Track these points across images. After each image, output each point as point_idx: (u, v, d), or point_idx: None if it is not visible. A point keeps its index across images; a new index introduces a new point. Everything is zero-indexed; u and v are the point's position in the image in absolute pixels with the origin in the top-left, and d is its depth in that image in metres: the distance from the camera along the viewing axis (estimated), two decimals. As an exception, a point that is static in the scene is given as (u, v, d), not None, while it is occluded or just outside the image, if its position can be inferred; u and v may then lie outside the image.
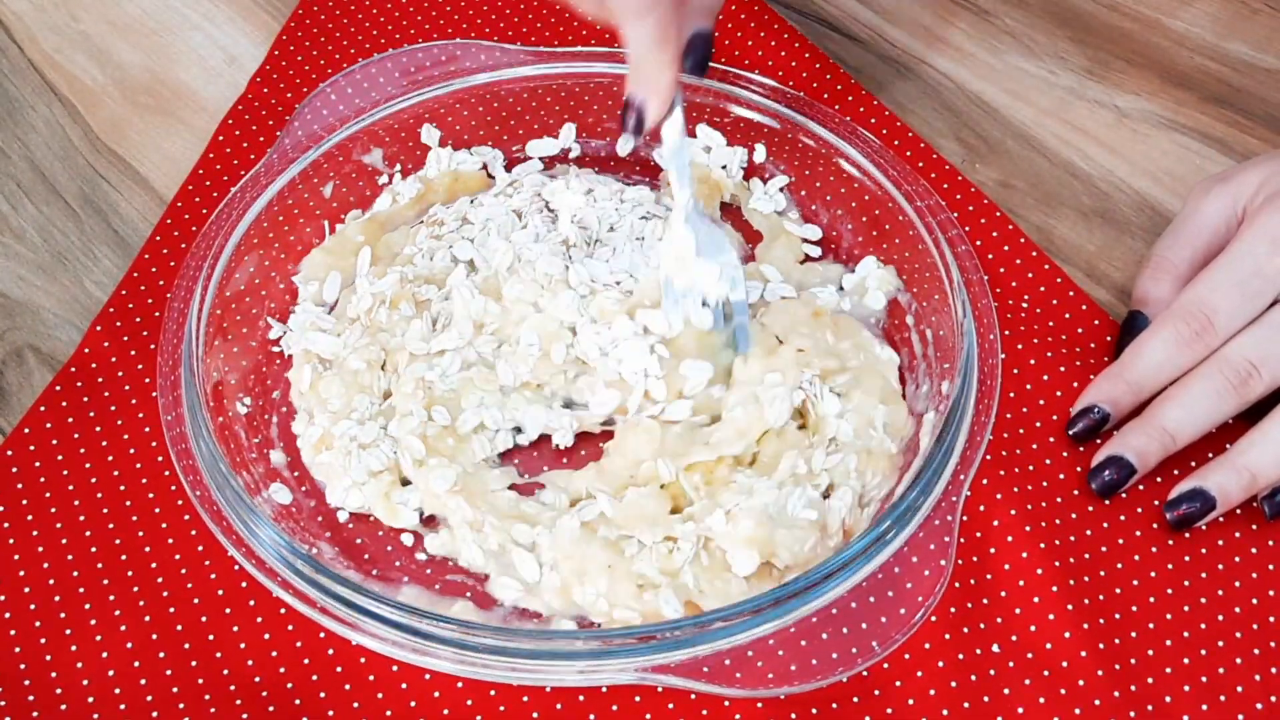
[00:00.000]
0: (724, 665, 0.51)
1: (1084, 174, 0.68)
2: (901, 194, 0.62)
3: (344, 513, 0.57)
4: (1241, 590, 0.55)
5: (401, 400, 0.58)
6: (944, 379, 0.58)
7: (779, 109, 0.65)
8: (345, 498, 0.57)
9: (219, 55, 0.75)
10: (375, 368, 0.60)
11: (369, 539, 0.57)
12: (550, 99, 0.68)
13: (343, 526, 0.57)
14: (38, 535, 0.57)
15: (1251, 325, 0.57)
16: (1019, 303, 0.63)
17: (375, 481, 0.57)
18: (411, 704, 0.52)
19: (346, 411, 0.58)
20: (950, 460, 0.55)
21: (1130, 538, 0.56)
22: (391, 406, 0.59)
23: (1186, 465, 0.57)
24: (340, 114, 0.66)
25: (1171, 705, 0.52)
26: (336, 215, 0.65)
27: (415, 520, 0.57)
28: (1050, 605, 0.54)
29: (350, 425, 0.58)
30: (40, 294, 0.66)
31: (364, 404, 0.59)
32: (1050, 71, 0.72)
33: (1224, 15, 0.74)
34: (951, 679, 0.52)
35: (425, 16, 0.75)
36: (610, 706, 0.52)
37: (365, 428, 0.58)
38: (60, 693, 0.53)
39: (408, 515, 0.56)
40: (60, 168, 0.70)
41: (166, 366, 0.58)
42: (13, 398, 0.62)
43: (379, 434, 0.58)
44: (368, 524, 0.57)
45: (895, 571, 0.53)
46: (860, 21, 0.75)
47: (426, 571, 0.56)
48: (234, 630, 0.54)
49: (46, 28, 0.76)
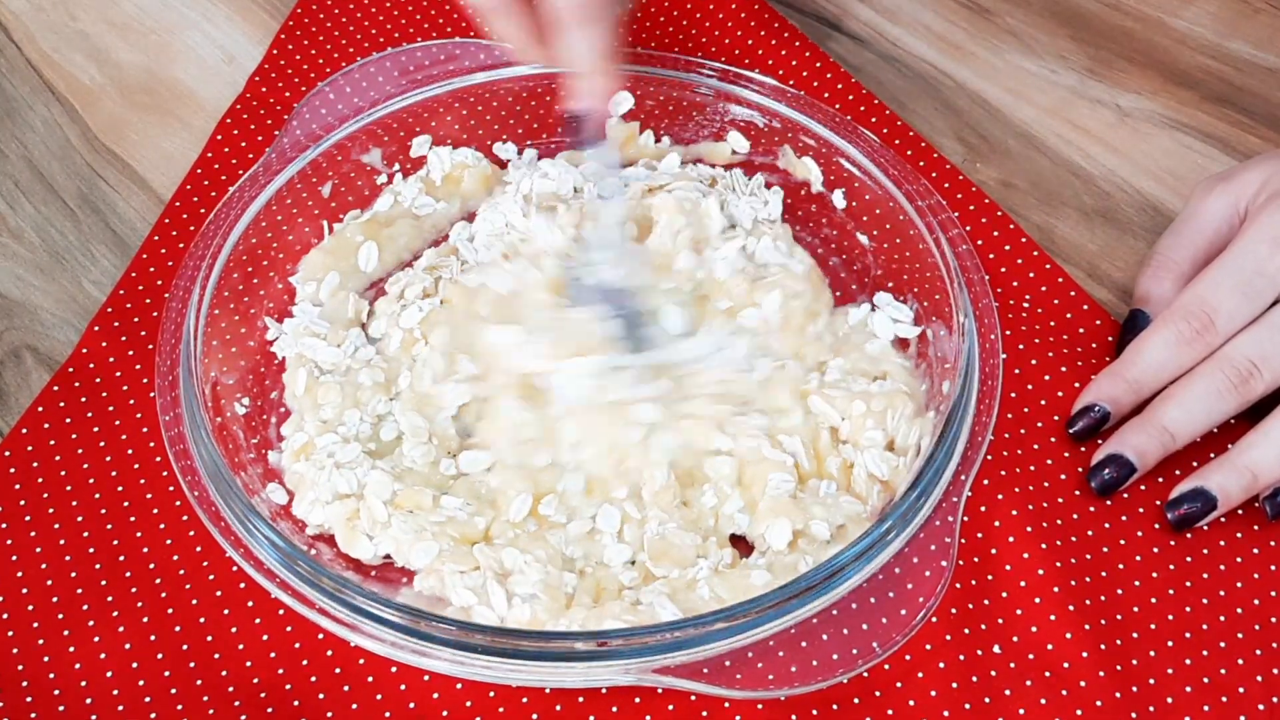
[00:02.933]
0: (724, 666, 0.51)
1: (1085, 173, 0.68)
2: (902, 193, 0.62)
3: (310, 527, 0.56)
4: (1243, 591, 0.55)
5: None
6: (944, 379, 0.58)
7: (779, 108, 0.65)
8: (309, 512, 0.56)
9: (217, 54, 0.75)
10: (380, 390, 0.59)
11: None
12: (550, 99, 0.68)
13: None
14: (36, 536, 0.57)
15: (1252, 325, 0.56)
16: (1020, 302, 0.63)
17: (340, 504, 0.55)
18: (410, 705, 0.52)
19: (335, 424, 0.58)
20: (951, 460, 0.55)
21: (1132, 538, 0.56)
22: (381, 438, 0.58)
23: (1187, 465, 0.57)
24: (339, 113, 0.66)
25: (1173, 706, 0.52)
26: (335, 215, 0.65)
27: (374, 556, 0.55)
28: (1051, 606, 0.54)
29: (334, 440, 0.57)
30: (38, 294, 0.65)
31: (354, 420, 0.58)
32: (1051, 70, 0.72)
33: (1226, 14, 0.74)
34: (952, 680, 0.52)
35: (424, 16, 0.75)
36: (610, 708, 0.52)
37: (348, 447, 0.57)
38: (59, 694, 0.53)
39: (367, 549, 0.55)
40: (58, 167, 0.70)
41: (165, 367, 0.58)
42: (11, 398, 0.62)
43: (358, 456, 0.56)
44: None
45: (896, 572, 0.53)
46: (861, 20, 0.75)
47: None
48: (232, 631, 0.54)
49: (44, 27, 0.76)
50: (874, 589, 0.53)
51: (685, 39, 0.73)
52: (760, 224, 0.64)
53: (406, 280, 0.63)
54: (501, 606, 0.53)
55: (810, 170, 0.65)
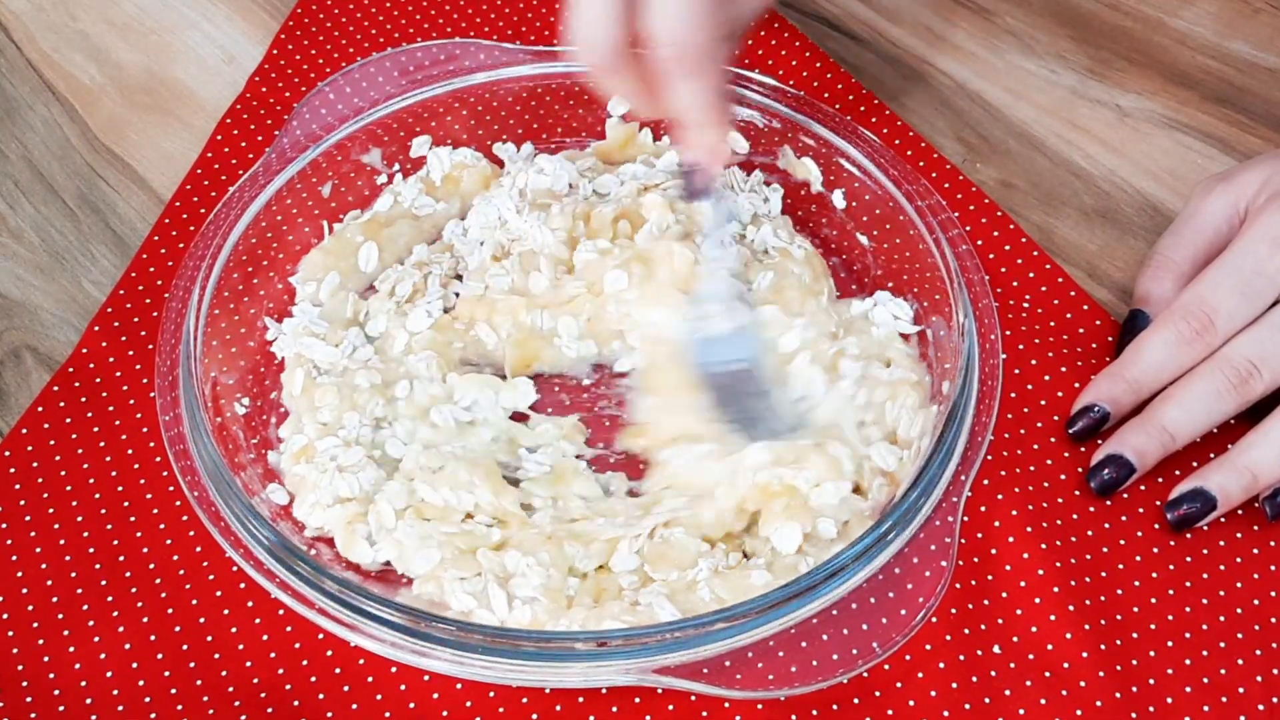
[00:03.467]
0: (724, 666, 0.51)
1: (1085, 173, 0.68)
2: (902, 194, 0.62)
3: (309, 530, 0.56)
4: (1243, 591, 0.55)
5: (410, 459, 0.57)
6: (944, 379, 0.58)
7: (779, 109, 0.65)
8: (309, 514, 0.56)
9: (217, 54, 0.75)
10: (378, 392, 0.59)
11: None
12: (550, 99, 0.68)
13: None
14: (35, 536, 0.57)
15: (1252, 325, 0.56)
16: (1020, 302, 0.63)
17: (341, 508, 0.55)
18: (410, 705, 0.52)
19: (335, 427, 0.58)
20: (951, 461, 0.55)
21: (1132, 538, 0.56)
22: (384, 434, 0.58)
23: (1187, 465, 0.57)
24: (339, 113, 0.66)
25: (1173, 706, 0.52)
26: (335, 215, 0.65)
27: (373, 562, 0.55)
28: (1051, 606, 0.54)
29: (335, 443, 0.57)
30: (38, 294, 0.65)
31: (353, 423, 0.58)
32: (1051, 71, 0.72)
33: (1226, 14, 0.74)
34: (952, 680, 0.52)
35: (424, 15, 0.75)
36: (610, 708, 0.52)
37: (350, 450, 0.56)
38: (58, 694, 0.53)
39: (366, 554, 0.55)
40: (58, 167, 0.70)
41: (165, 367, 0.58)
42: (10, 398, 0.62)
43: (361, 460, 0.56)
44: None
45: (896, 572, 0.53)
46: (861, 20, 0.75)
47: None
48: (232, 631, 0.54)
49: (44, 27, 0.76)
50: (874, 589, 0.53)
51: (685, 39, 0.73)
52: (760, 218, 0.64)
53: (397, 277, 0.63)
54: (502, 610, 0.52)
55: (810, 170, 0.65)
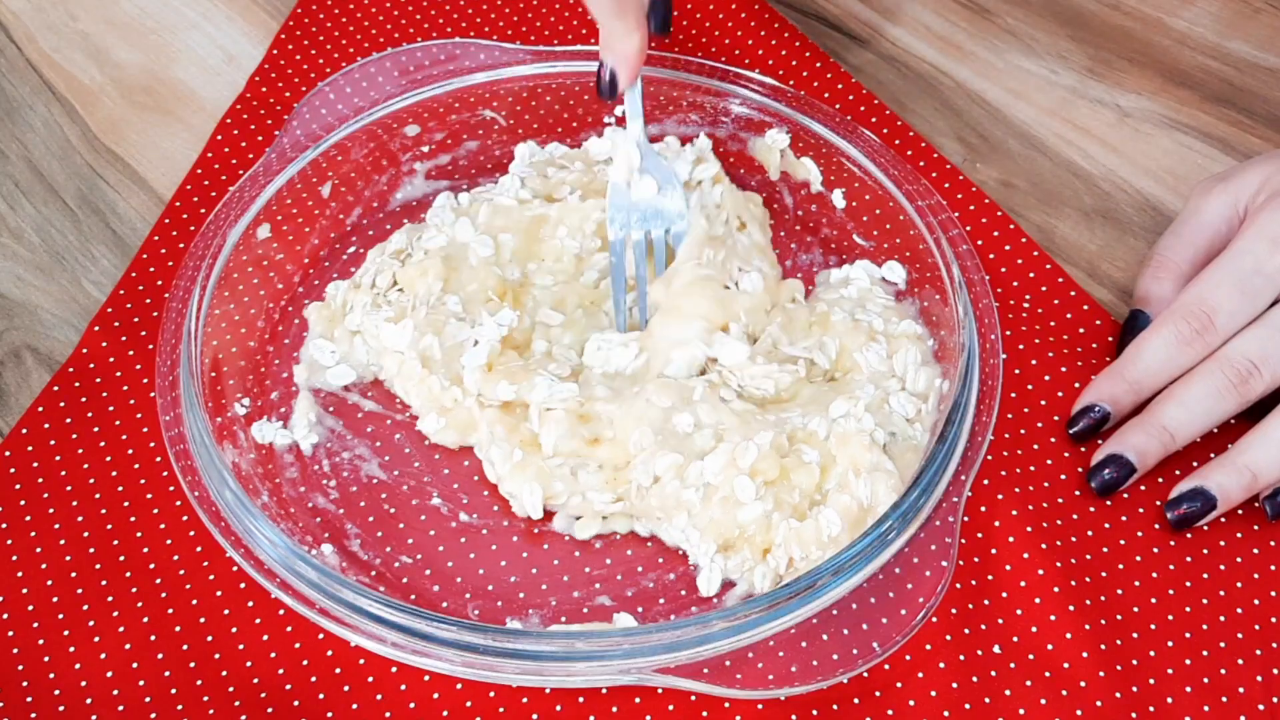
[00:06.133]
0: (724, 666, 0.51)
1: (1085, 173, 0.68)
2: (902, 193, 0.62)
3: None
4: (1243, 591, 0.55)
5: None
6: (945, 379, 0.58)
7: (779, 108, 0.65)
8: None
9: (217, 54, 0.75)
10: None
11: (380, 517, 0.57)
12: (550, 98, 0.68)
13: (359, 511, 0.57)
14: (36, 536, 0.57)
15: (1252, 324, 0.56)
16: (1020, 302, 0.63)
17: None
18: (411, 705, 0.52)
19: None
20: (951, 460, 0.55)
21: (1132, 538, 0.56)
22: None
23: (1187, 465, 0.57)
24: (339, 113, 0.66)
25: (1173, 706, 0.52)
26: (335, 215, 0.65)
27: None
28: (1052, 606, 0.54)
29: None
30: (38, 294, 0.65)
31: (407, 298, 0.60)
32: (1051, 70, 0.72)
33: (1226, 14, 0.74)
34: (953, 680, 0.52)
35: (424, 15, 0.75)
36: (610, 708, 0.52)
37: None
38: (59, 694, 0.53)
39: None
40: (58, 167, 0.70)
41: (165, 367, 0.58)
42: (11, 398, 0.62)
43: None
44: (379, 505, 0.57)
45: (896, 572, 0.53)
46: (861, 20, 0.75)
47: (439, 549, 0.56)
48: (233, 631, 0.54)
49: (44, 27, 0.76)
50: (874, 589, 0.53)
51: (685, 38, 0.73)
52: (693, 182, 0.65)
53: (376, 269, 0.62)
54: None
55: (810, 170, 0.65)
